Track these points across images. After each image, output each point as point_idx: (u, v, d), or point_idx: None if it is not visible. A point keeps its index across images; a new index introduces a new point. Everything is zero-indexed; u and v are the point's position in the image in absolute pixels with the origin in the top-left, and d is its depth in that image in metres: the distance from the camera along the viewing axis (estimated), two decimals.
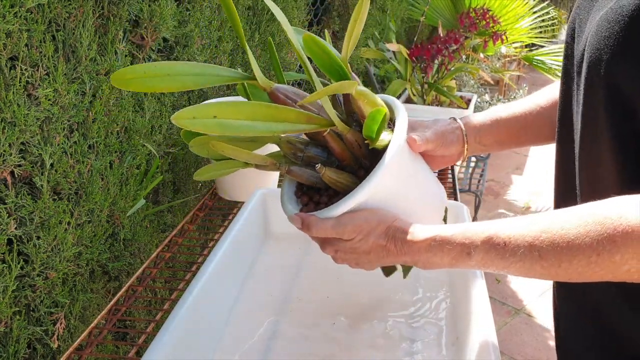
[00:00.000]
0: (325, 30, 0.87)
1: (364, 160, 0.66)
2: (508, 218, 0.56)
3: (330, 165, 0.65)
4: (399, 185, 0.65)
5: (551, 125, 0.72)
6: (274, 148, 0.68)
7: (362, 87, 0.60)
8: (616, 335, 0.59)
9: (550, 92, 0.75)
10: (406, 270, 0.74)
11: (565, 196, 0.62)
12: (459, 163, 0.86)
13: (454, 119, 0.76)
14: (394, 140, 0.62)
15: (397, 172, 0.63)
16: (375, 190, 0.61)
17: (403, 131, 0.63)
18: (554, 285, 0.69)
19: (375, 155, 0.64)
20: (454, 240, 0.57)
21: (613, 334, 0.59)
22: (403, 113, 0.65)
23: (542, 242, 0.50)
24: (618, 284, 0.51)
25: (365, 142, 0.63)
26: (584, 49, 0.54)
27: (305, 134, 0.67)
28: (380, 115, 0.59)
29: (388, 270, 0.74)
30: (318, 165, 0.61)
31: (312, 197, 0.68)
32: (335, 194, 0.66)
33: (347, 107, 0.67)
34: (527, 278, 0.52)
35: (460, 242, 0.57)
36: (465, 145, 0.74)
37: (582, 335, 0.64)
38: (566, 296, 0.66)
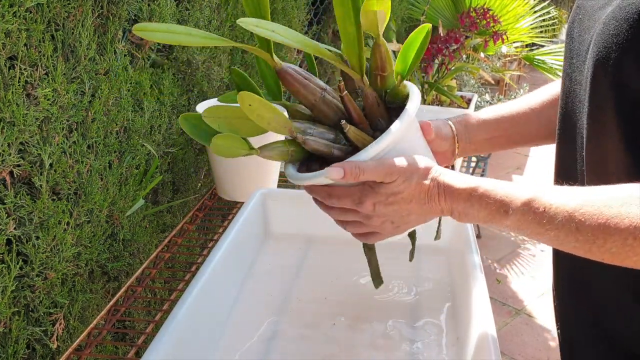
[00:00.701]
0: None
1: (381, 120, 0.65)
2: (550, 185, 0.54)
3: (338, 142, 0.64)
4: (418, 140, 0.66)
5: (543, 125, 0.72)
6: (274, 138, 0.66)
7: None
8: (616, 330, 0.59)
9: (543, 94, 0.75)
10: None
11: None
12: (459, 163, 0.87)
13: (443, 118, 0.76)
14: (413, 88, 0.63)
15: (416, 128, 0.64)
16: (404, 133, 0.61)
17: (418, 97, 0.63)
18: (554, 278, 0.69)
19: (389, 118, 0.64)
20: (495, 195, 0.56)
21: (614, 330, 0.59)
22: (416, 92, 0.65)
23: (582, 214, 0.49)
24: (624, 276, 0.51)
25: (384, 102, 0.64)
26: (588, 48, 0.54)
27: (313, 113, 0.65)
28: (421, 36, 0.59)
29: (377, 282, 0.75)
30: (343, 122, 0.60)
31: (322, 164, 0.64)
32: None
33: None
34: (559, 248, 0.53)
35: (500, 199, 0.55)
36: (456, 144, 0.74)
37: (582, 329, 0.64)
38: (567, 289, 0.66)
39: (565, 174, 0.63)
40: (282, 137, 0.65)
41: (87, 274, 1.00)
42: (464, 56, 2.10)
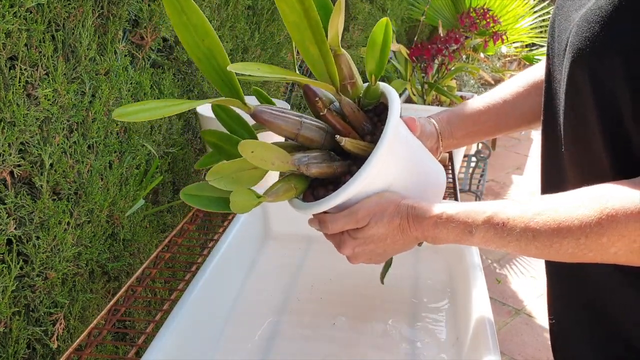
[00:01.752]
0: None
1: (365, 124, 0.66)
2: (508, 200, 0.58)
3: (334, 160, 0.65)
4: (402, 160, 0.66)
5: (519, 115, 0.76)
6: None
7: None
8: (608, 319, 0.60)
9: (515, 84, 0.78)
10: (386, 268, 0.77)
11: (552, 191, 0.62)
12: (458, 164, 0.88)
13: (437, 130, 0.79)
14: (387, 89, 0.65)
15: (398, 144, 0.64)
16: (380, 167, 0.62)
17: (397, 99, 0.65)
18: (546, 270, 0.69)
19: (371, 119, 0.66)
20: (458, 219, 0.60)
21: (605, 316, 0.60)
22: (392, 91, 0.66)
23: (536, 223, 0.53)
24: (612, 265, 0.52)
25: (359, 103, 0.65)
26: (565, 49, 0.55)
27: (299, 141, 0.66)
28: (381, 32, 0.61)
29: (384, 271, 0.77)
30: (337, 137, 0.62)
31: (328, 187, 0.67)
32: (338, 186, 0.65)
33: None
34: (524, 255, 0.57)
35: (463, 221, 0.59)
36: (440, 142, 0.78)
37: (575, 319, 0.64)
38: (559, 279, 0.67)
39: (550, 173, 0.64)
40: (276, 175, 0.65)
41: (87, 274, 1.00)
42: (464, 56, 2.10)
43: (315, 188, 0.67)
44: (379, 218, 0.64)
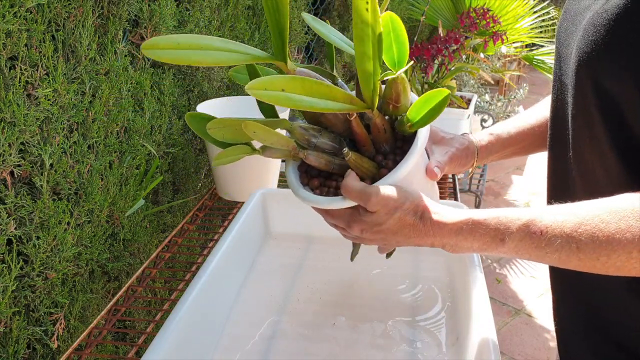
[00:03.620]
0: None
1: (384, 145, 0.65)
2: (548, 206, 0.54)
3: (340, 154, 0.66)
4: (419, 172, 0.67)
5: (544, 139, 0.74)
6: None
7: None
8: (610, 321, 0.60)
9: (539, 112, 0.77)
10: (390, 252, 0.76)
11: (558, 196, 0.62)
12: None
13: (469, 138, 0.77)
14: (420, 135, 0.64)
15: (421, 160, 0.65)
16: (410, 170, 0.62)
17: (425, 134, 0.65)
18: (550, 272, 0.69)
19: (394, 142, 0.65)
20: (488, 225, 0.55)
21: (608, 320, 0.60)
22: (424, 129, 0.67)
23: (580, 234, 0.49)
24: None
25: (392, 127, 0.65)
26: (572, 53, 0.55)
27: (321, 119, 0.66)
28: (440, 97, 0.59)
29: (353, 255, 0.77)
30: (345, 150, 0.61)
31: (324, 182, 0.67)
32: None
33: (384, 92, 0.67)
34: (561, 267, 0.53)
35: (494, 227, 0.55)
36: (474, 164, 0.76)
37: (577, 321, 0.64)
38: (562, 283, 0.66)
39: (557, 178, 0.64)
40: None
41: (87, 274, 1.00)
42: (464, 56, 2.10)
43: (310, 168, 0.67)
44: (391, 211, 0.59)
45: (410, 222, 0.59)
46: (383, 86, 0.64)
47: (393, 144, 0.65)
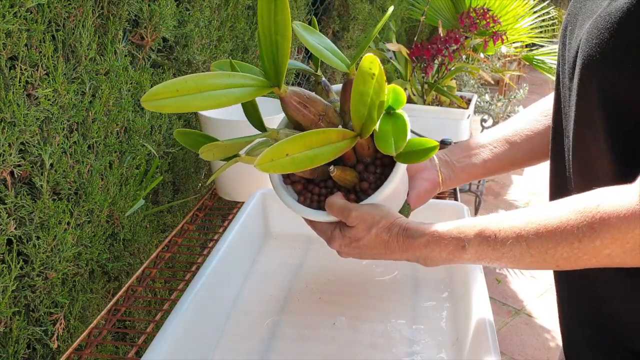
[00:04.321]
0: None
1: (366, 157, 0.69)
2: (499, 212, 0.59)
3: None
4: (397, 194, 0.72)
5: (525, 156, 0.77)
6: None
7: None
8: (614, 321, 0.60)
9: (519, 126, 0.78)
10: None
11: (560, 196, 0.62)
12: None
13: (436, 171, 0.79)
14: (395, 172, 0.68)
15: (401, 184, 0.70)
16: (388, 195, 0.67)
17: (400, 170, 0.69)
18: (554, 275, 0.69)
19: (375, 154, 0.69)
20: (450, 235, 0.60)
21: (612, 321, 0.60)
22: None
23: (528, 232, 0.54)
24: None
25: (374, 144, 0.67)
26: (576, 56, 0.55)
27: (305, 127, 0.69)
28: (429, 145, 0.64)
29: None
30: (332, 167, 0.65)
31: (307, 186, 0.71)
32: (334, 187, 0.70)
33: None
34: (520, 269, 0.56)
35: (455, 237, 0.59)
36: (440, 186, 0.79)
37: (581, 321, 0.64)
38: (567, 282, 0.66)
39: (558, 180, 0.64)
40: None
41: (87, 274, 1.00)
42: (464, 56, 2.10)
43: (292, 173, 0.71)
44: (368, 227, 0.64)
45: (385, 239, 0.64)
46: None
47: (374, 155, 0.69)
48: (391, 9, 0.74)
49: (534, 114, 0.77)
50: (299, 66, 0.74)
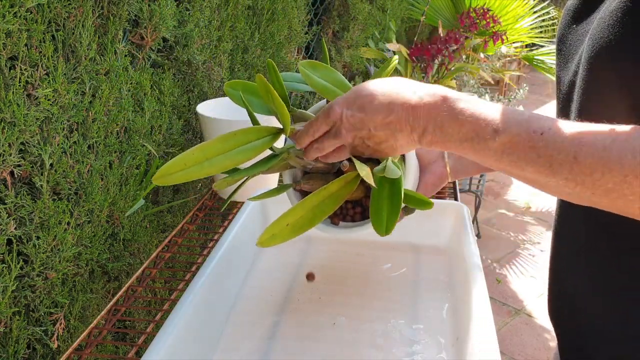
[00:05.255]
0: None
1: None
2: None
3: (334, 172, 0.73)
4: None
5: None
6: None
7: None
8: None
9: None
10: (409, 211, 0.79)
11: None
12: None
13: (443, 164, 0.78)
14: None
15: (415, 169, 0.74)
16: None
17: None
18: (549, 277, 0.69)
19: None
20: (487, 108, 0.49)
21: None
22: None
23: (582, 142, 0.45)
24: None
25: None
26: (581, 56, 0.55)
27: None
28: (424, 206, 0.66)
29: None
30: (343, 161, 0.65)
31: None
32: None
33: None
34: (540, 187, 0.48)
35: (492, 114, 0.49)
36: (448, 179, 0.78)
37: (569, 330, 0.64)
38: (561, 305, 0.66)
39: None
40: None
41: (87, 274, 1.00)
42: (464, 56, 2.10)
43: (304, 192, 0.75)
44: (374, 80, 0.56)
45: (399, 88, 0.53)
46: None
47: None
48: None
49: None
50: (299, 89, 0.76)
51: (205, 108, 1.16)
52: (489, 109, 0.49)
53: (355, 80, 2.18)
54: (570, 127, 0.47)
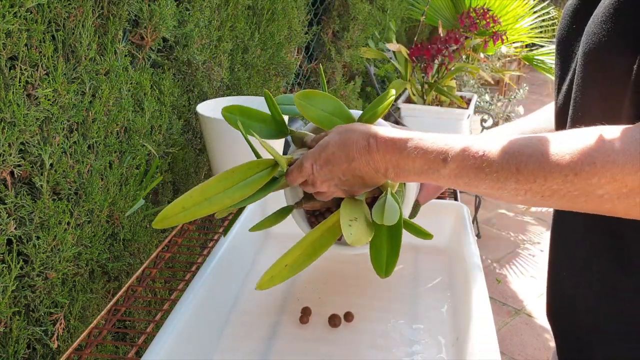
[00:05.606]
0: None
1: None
2: (489, 134, 0.56)
3: None
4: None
5: None
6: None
7: None
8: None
9: (529, 126, 0.77)
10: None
11: None
12: None
13: None
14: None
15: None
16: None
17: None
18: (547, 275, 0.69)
19: None
20: (432, 143, 0.55)
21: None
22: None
23: (521, 154, 0.49)
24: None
25: None
26: (577, 53, 0.55)
27: None
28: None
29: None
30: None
31: (323, 214, 0.79)
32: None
33: None
34: (496, 198, 0.53)
35: (437, 147, 0.55)
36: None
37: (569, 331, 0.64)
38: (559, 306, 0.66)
39: None
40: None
41: (87, 274, 1.00)
42: (464, 56, 2.10)
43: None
44: (340, 130, 0.62)
45: (353, 138, 0.60)
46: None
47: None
48: None
49: (544, 115, 0.77)
50: (296, 113, 0.77)
51: (205, 108, 1.16)
52: (434, 142, 0.55)
53: (355, 80, 2.18)
54: (507, 140, 0.51)
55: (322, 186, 0.65)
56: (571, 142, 0.47)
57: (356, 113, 0.72)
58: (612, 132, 0.46)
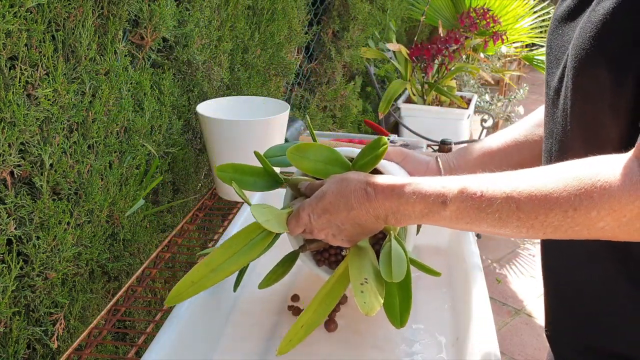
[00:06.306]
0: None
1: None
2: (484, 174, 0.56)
3: None
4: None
5: (526, 160, 0.75)
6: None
7: None
8: (604, 329, 0.60)
9: (503, 137, 0.78)
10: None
11: None
12: None
13: (436, 157, 0.80)
14: None
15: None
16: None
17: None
18: (543, 276, 0.69)
19: None
20: (429, 187, 0.56)
21: (601, 327, 0.60)
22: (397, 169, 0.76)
23: (520, 193, 0.50)
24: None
25: None
26: (567, 58, 0.56)
27: None
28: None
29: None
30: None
31: (327, 251, 0.80)
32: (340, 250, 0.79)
33: None
34: (500, 234, 0.54)
35: (436, 190, 0.55)
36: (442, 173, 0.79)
37: (571, 327, 0.64)
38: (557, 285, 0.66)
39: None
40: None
41: (87, 274, 1.00)
42: (464, 56, 2.10)
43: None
44: (337, 179, 0.63)
45: (351, 188, 0.61)
46: None
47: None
48: None
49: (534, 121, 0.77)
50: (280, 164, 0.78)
51: (205, 108, 1.16)
52: (431, 186, 0.56)
53: (355, 80, 2.18)
54: (504, 178, 0.52)
55: (319, 235, 0.66)
56: (567, 178, 0.48)
57: (350, 151, 0.72)
58: (606, 163, 0.47)
